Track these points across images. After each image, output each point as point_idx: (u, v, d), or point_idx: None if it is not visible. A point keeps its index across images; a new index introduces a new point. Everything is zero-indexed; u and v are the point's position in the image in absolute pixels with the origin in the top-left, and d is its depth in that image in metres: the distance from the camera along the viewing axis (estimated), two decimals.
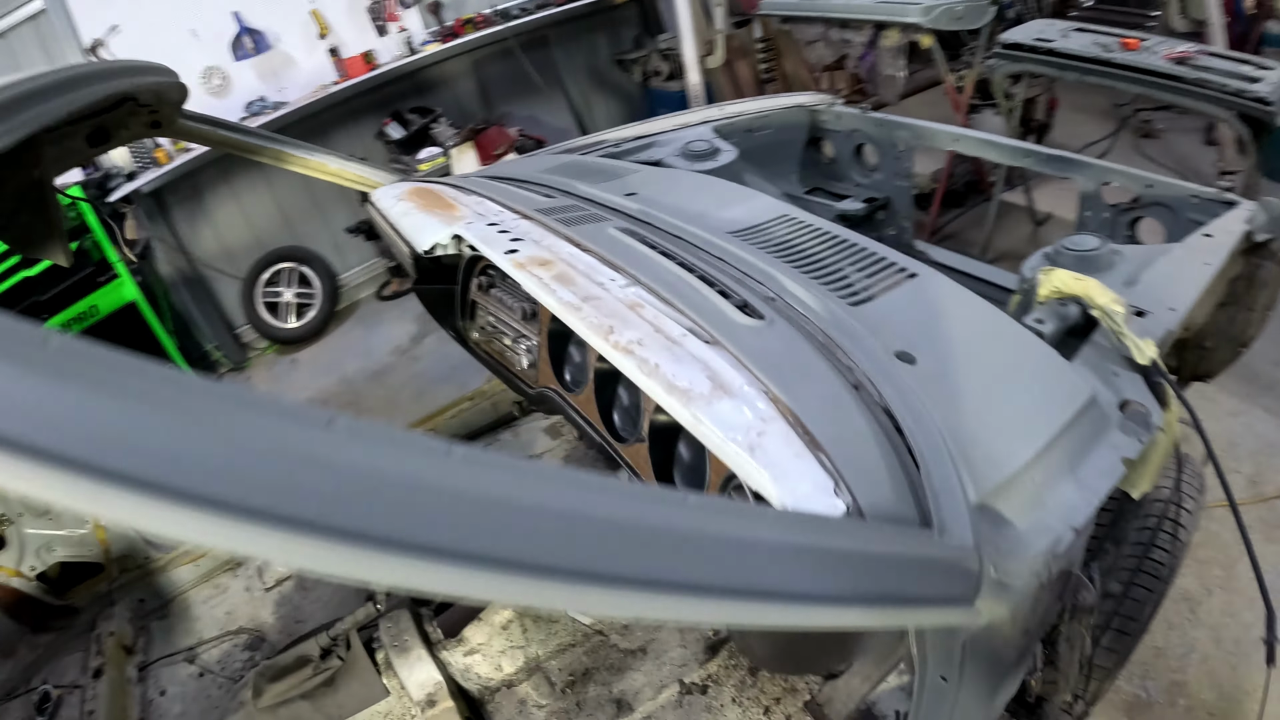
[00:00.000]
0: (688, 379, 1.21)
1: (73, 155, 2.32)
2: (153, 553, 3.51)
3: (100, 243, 5.72)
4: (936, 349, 1.37)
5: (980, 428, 1.21)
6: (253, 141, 2.73)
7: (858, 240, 1.79)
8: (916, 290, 1.58)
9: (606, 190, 2.31)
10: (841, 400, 1.20)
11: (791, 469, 1.08)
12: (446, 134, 6.12)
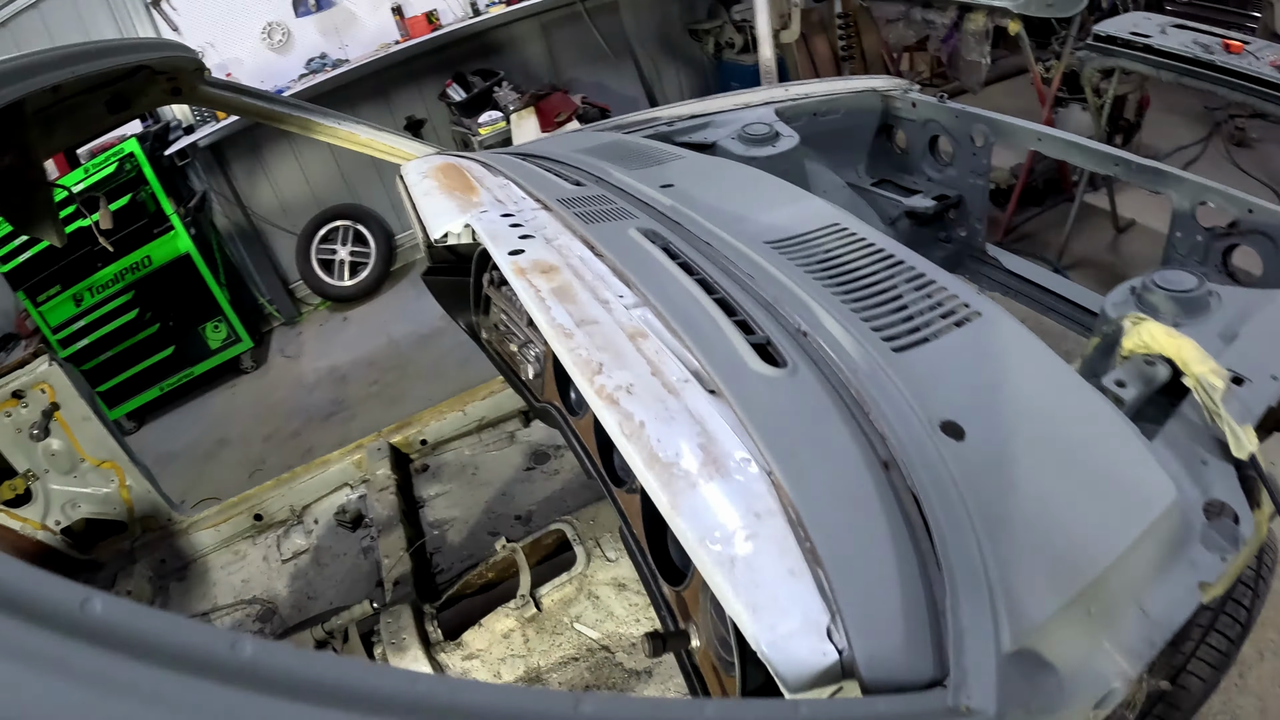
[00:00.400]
0: (675, 447, 1.00)
1: (93, 122, 2.29)
2: (175, 515, 3.48)
3: (156, 195, 5.71)
4: (991, 420, 1.13)
5: (1031, 538, 0.97)
6: (278, 110, 2.59)
7: (917, 263, 1.55)
8: (978, 336, 1.33)
9: (642, 179, 2.11)
10: (861, 489, 0.97)
11: (779, 595, 0.86)
12: (509, 98, 5.95)
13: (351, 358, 6.32)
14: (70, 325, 5.93)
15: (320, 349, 6.69)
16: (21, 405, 3.08)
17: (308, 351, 6.73)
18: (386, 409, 5.52)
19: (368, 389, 5.90)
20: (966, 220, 3.13)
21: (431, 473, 3.55)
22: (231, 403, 6.44)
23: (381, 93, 6.43)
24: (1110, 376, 1.35)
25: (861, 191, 3.29)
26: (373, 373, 6.03)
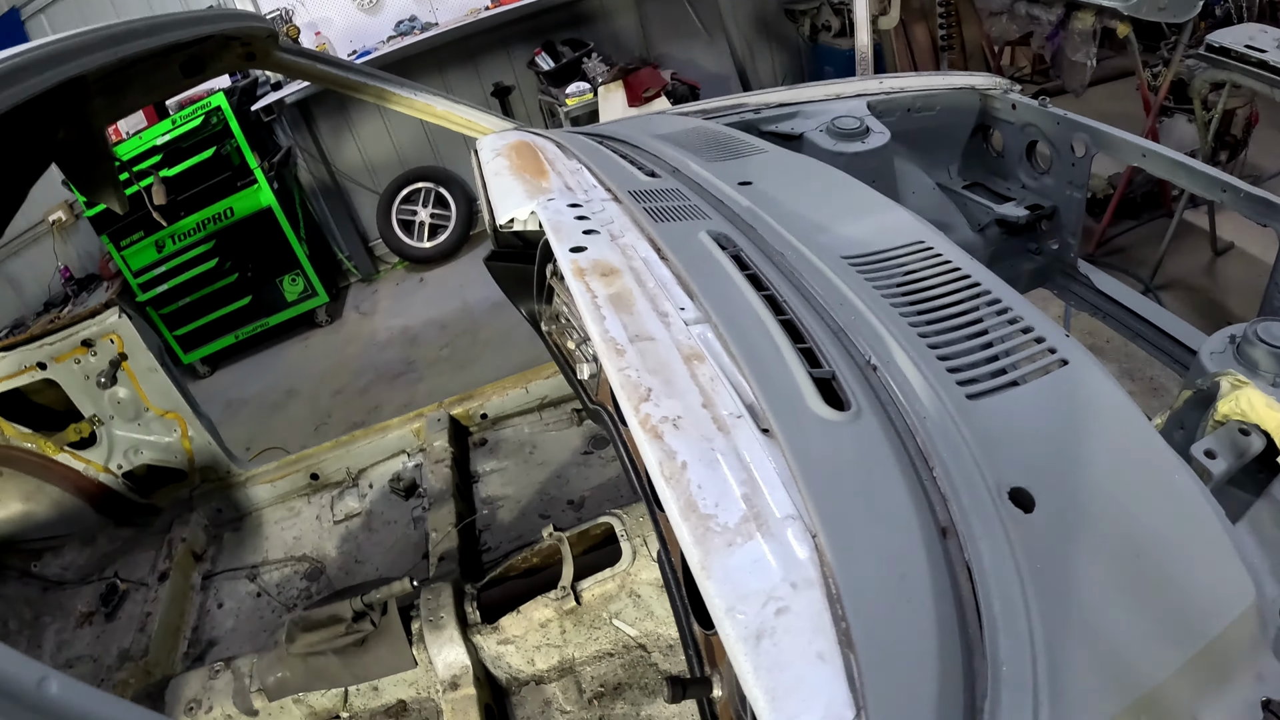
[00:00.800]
0: (716, 497, 0.91)
1: (168, 84, 2.31)
2: (234, 467, 3.54)
3: (241, 149, 5.82)
4: (1065, 491, 1.01)
5: (1090, 634, 0.86)
6: (353, 78, 2.57)
7: (1004, 294, 1.41)
8: (1061, 387, 1.19)
9: (720, 174, 2.01)
10: (912, 562, 0.87)
11: (803, 682, 0.77)
12: (597, 70, 5.87)
13: (424, 319, 6.38)
14: (151, 270, 6.11)
15: (394, 308, 6.78)
16: (90, 353, 3.16)
17: (382, 310, 6.83)
18: (455, 373, 5.59)
19: (438, 352, 5.95)
20: (1060, 233, 2.96)
21: (489, 448, 3.53)
22: (304, 355, 6.58)
23: (470, 58, 6.42)
24: (1201, 445, 1.23)
25: (952, 194, 3.14)
26: (444, 336, 6.08)
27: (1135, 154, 2.55)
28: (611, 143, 2.51)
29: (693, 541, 0.87)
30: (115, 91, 2.09)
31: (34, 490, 3.33)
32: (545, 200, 1.86)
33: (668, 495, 0.93)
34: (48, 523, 3.38)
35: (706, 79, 6.25)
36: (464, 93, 6.59)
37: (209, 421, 3.48)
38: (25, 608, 3.25)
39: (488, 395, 3.59)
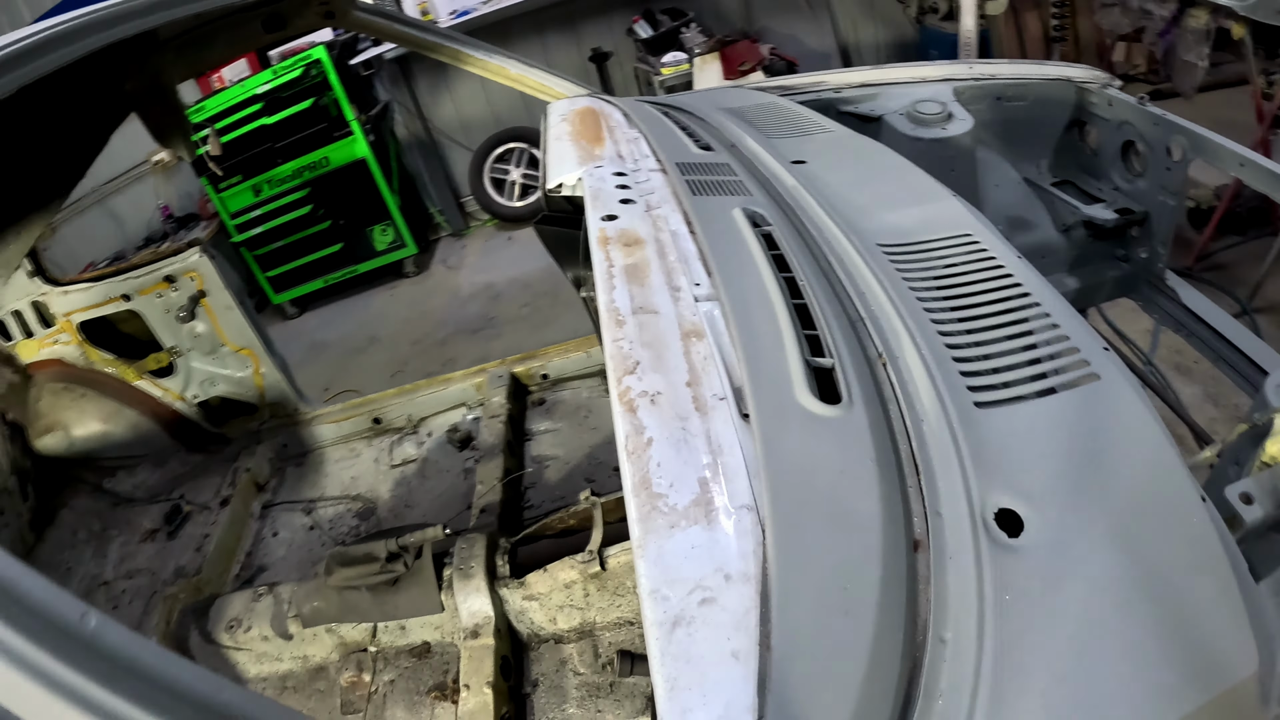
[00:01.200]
0: (672, 476, 0.89)
1: (250, 39, 2.40)
2: (302, 406, 3.68)
3: (339, 101, 5.97)
4: (1063, 518, 0.93)
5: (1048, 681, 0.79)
6: (428, 38, 2.64)
7: (1045, 298, 1.32)
8: (1085, 404, 1.10)
9: (775, 151, 1.97)
10: (865, 573, 0.83)
11: (708, 678, 0.74)
12: (695, 40, 5.81)
13: (509, 277, 6.45)
14: (247, 213, 6.36)
15: (481, 264, 6.87)
16: (172, 289, 3.32)
17: (468, 265, 6.93)
18: (532, 332, 5.63)
19: (518, 310, 6.01)
20: (1149, 240, 2.79)
21: (546, 408, 3.57)
22: (389, 304, 6.74)
23: (570, 23, 6.43)
24: (1237, 487, 1.10)
25: (1039, 190, 3.00)
26: (526, 295, 6.13)
27: (1234, 163, 2.38)
28: (677, 113, 2.48)
29: (636, 518, 0.86)
30: (197, 46, 2.18)
31: (113, 412, 3.53)
32: (593, 167, 1.87)
33: (626, 469, 0.92)
34: (123, 443, 3.58)
35: (806, 56, 6.10)
36: (562, 57, 6.61)
37: (281, 360, 3.62)
38: (95, 520, 3.46)
39: (550, 356, 3.63)
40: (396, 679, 2.53)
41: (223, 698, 0.67)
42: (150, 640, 0.68)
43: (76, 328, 3.42)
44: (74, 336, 3.43)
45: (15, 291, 3.34)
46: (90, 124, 2.49)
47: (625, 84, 6.70)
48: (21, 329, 3.41)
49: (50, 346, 3.46)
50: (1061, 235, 2.89)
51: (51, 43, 1.43)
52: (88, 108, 2.40)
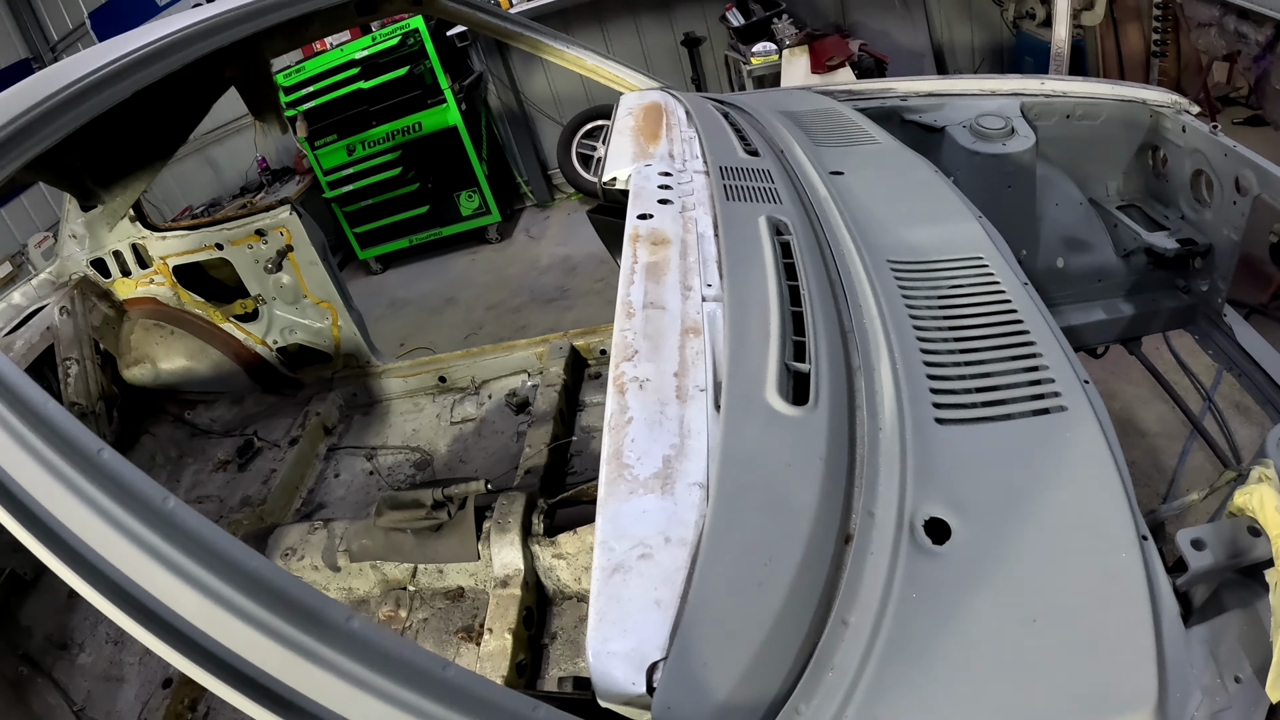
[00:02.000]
0: (641, 451, 1.04)
1: (343, 19, 2.59)
2: (374, 359, 3.92)
3: (434, 69, 6.19)
4: (988, 533, 1.01)
5: (930, 678, 0.88)
6: (509, 27, 2.77)
7: (1036, 327, 1.39)
8: (1046, 432, 1.17)
9: (818, 160, 2.07)
10: (785, 555, 0.94)
11: (630, 616, 0.89)
12: (786, 31, 5.82)
13: (587, 251, 6.54)
14: (340, 171, 6.67)
15: (561, 236, 7.03)
16: (262, 242, 3.57)
17: (549, 236, 7.09)
18: (603, 307, 5.70)
19: (592, 284, 6.14)
20: (1210, 274, 2.76)
21: (601, 382, 3.67)
22: (469, 268, 6.97)
23: (665, 5, 6.50)
24: (1190, 533, 1.10)
25: (1102, 212, 2.99)
26: (601, 270, 6.23)
27: None
28: (737, 114, 2.58)
29: (604, 481, 1.00)
30: (294, 30, 2.38)
31: (198, 350, 3.83)
32: (643, 165, 1.99)
33: (605, 440, 1.06)
34: (205, 380, 3.88)
35: (898, 54, 6.06)
36: (655, 39, 6.69)
37: (358, 315, 3.85)
38: (173, 447, 3.78)
39: (610, 333, 3.75)
40: (429, 617, 2.73)
41: (253, 564, 0.91)
42: (207, 520, 0.95)
43: (171, 270, 3.70)
44: (168, 278, 3.73)
45: (117, 234, 3.63)
46: (194, 99, 2.73)
47: (716, 70, 6.75)
48: (120, 268, 3.71)
49: (145, 286, 3.76)
50: (1121, 260, 2.88)
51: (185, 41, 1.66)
52: (194, 87, 2.64)
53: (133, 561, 0.94)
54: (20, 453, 1.01)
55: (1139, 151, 2.96)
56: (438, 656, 0.85)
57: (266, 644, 0.87)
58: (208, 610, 0.90)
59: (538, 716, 0.82)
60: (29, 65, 7.76)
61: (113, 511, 0.96)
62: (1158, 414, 3.61)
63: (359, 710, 0.84)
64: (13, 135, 1.40)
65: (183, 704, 2.72)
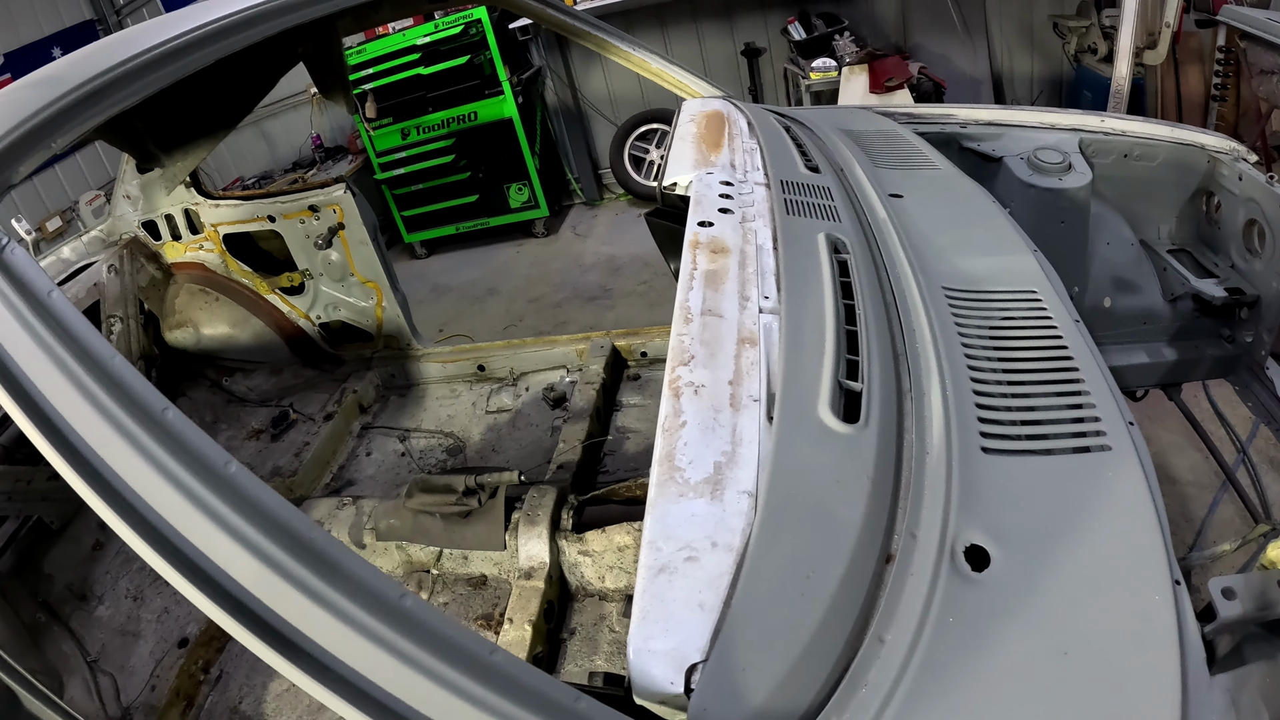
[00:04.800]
0: (694, 455, 1.06)
1: (414, 5, 2.62)
2: (416, 342, 3.97)
3: (494, 60, 6.26)
4: (1026, 565, 1.02)
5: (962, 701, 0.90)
6: (576, 24, 2.81)
7: (1085, 365, 1.41)
8: (1088, 471, 1.18)
9: (877, 181, 2.09)
10: (827, 569, 0.97)
11: (673, 617, 0.91)
12: (846, 49, 5.83)
13: (631, 253, 6.60)
14: (393, 154, 6.78)
15: (607, 235, 7.06)
16: (314, 218, 3.63)
17: (595, 235, 7.13)
18: (644, 309, 5.77)
19: (635, 285, 6.17)
20: (1257, 325, 2.74)
21: (639, 384, 3.71)
22: (513, 260, 7.03)
23: (726, 13, 6.52)
24: (1221, 581, 1.12)
25: (1152, 254, 2.98)
26: (645, 273, 6.27)
27: None
28: (799, 129, 2.60)
29: (654, 483, 1.03)
30: (366, 11, 2.43)
31: (241, 319, 3.91)
32: (704, 173, 2.02)
33: (659, 441, 1.09)
34: (245, 348, 3.96)
35: (957, 79, 6.04)
36: (715, 46, 6.71)
37: (403, 298, 3.90)
38: (208, 411, 3.85)
39: (652, 336, 3.75)
40: (450, 602, 2.76)
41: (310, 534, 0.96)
42: (268, 486, 0.97)
43: (221, 238, 3.78)
44: (218, 246, 3.80)
45: (171, 198, 3.71)
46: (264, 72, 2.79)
47: (774, 82, 6.76)
48: (171, 231, 3.79)
49: (195, 251, 3.84)
50: (1168, 304, 2.86)
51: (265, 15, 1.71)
52: (266, 60, 2.71)
53: (190, 521, 0.97)
54: (86, 406, 1.04)
55: (1193, 196, 2.94)
56: (485, 640, 0.88)
57: (318, 613, 0.90)
58: (263, 576, 0.93)
59: (579, 708, 0.84)
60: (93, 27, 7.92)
61: (174, 470, 0.99)
62: (1191, 463, 3.58)
63: (404, 685, 0.87)
64: (97, 90, 1.44)
65: (196, 665, 2.78)
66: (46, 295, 1.14)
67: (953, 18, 5.99)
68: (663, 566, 0.96)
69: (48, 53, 7.36)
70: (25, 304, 1.11)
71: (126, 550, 3.15)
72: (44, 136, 1.33)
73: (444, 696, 0.86)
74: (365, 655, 0.89)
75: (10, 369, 1.08)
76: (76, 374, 1.06)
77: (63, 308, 1.12)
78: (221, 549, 0.95)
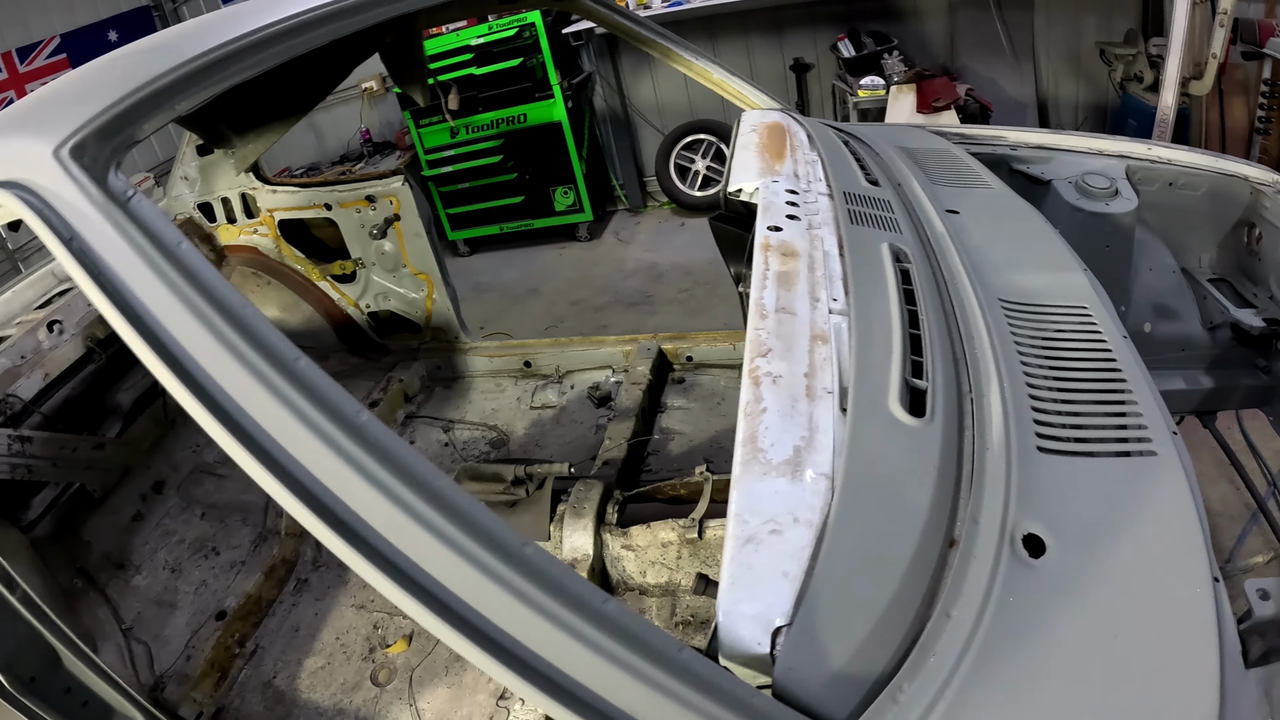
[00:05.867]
0: (774, 438, 1.16)
1: (486, 5, 2.71)
2: (463, 336, 4.06)
3: (545, 64, 6.38)
4: (1078, 556, 1.11)
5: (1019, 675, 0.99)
6: (644, 33, 2.90)
7: (1133, 378, 1.50)
8: (1135, 474, 1.27)
9: (934, 197, 2.17)
10: (897, 549, 1.07)
11: (760, 582, 1.01)
12: (895, 68, 5.89)
13: (673, 261, 6.66)
14: (440, 152, 6.93)
15: (650, 243, 7.13)
16: (371, 208, 3.72)
17: (638, 241, 7.20)
18: (685, 317, 5.83)
19: (676, 293, 6.22)
20: None
21: (683, 387, 3.75)
22: (556, 262, 7.12)
23: (776, 29, 6.61)
24: (1257, 582, 1.22)
25: (1193, 282, 3.03)
26: (686, 281, 6.32)
27: None
28: (856, 144, 2.69)
29: (739, 461, 1.13)
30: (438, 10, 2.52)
31: (291, 304, 4.01)
32: (770, 181, 2.11)
33: (741, 425, 1.19)
34: (293, 333, 3.99)
35: (1003, 102, 6.09)
36: (764, 61, 6.80)
37: (453, 291, 3.98)
38: None
39: (698, 341, 3.79)
40: None
41: (438, 482, 1.03)
42: (393, 432, 1.04)
43: (276, 223, 3.87)
44: (272, 231, 3.89)
45: (228, 181, 3.81)
46: (343, 60, 2.89)
47: (821, 98, 6.83)
48: (226, 214, 3.89)
49: (249, 235, 3.93)
50: (1206, 332, 2.91)
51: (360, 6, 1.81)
52: (347, 50, 2.78)
53: (325, 463, 1.02)
54: (225, 355, 1.08)
55: (1235, 227, 2.98)
56: (600, 590, 0.97)
57: (446, 554, 0.98)
58: (395, 518, 0.99)
59: (682, 657, 0.94)
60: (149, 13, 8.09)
61: (311, 415, 1.04)
62: (1221, 493, 3.62)
63: (527, 628, 0.95)
64: (220, 60, 1.49)
65: (233, 638, 2.82)
66: (176, 246, 1.16)
67: (1001, 41, 6.05)
68: (749, 537, 1.06)
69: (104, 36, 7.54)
70: (159, 253, 1.14)
71: (166, 523, 3.29)
72: (168, 98, 1.39)
73: (563, 638, 0.95)
74: (490, 596, 0.96)
75: (147, 320, 1.10)
76: (214, 323, 1.09)
77: (193, 258, 1.15)
78: (356, 491, 1.00)
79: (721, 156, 6.98)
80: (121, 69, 1.41)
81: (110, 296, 1.11)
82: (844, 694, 0.96)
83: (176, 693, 2.64)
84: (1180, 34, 4.25)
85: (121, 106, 1.30)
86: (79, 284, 1.12)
